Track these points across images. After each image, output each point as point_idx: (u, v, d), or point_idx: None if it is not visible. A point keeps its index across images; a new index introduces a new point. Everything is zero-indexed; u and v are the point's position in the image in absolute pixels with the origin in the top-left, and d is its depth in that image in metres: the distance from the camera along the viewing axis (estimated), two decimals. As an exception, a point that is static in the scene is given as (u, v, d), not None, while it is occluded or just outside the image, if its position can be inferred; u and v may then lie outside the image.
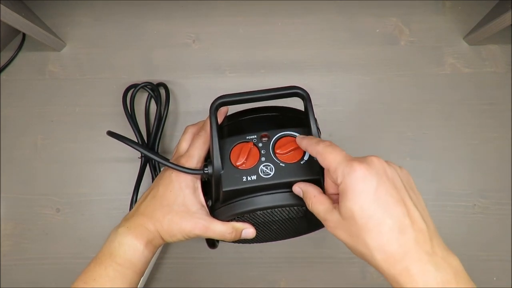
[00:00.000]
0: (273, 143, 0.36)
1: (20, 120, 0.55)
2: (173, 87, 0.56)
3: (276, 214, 0.36)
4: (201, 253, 0.51)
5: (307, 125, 0.36)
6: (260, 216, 0.36)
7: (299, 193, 0.33)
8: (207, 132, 0.39)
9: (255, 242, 0.44)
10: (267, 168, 0.34)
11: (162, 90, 0.55)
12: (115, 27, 0.59)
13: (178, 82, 0.57)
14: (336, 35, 0.59)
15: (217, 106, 0.36)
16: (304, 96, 0.36)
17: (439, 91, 0.56)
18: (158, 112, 0.52)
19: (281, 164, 0.34)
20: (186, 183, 0.37)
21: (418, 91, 0.56)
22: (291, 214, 0.36)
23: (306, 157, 0.35)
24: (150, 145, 0.51)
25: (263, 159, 0.35)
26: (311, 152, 0.32)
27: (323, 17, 0.59)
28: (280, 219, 0.37)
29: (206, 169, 0.36)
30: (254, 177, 0.34)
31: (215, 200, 0.37)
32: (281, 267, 0.51)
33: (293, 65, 0.57)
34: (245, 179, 0.34)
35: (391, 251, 0.25)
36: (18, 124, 0.55)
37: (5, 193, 0.53)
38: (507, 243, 0.51)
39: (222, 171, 0.34)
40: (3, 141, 0.55)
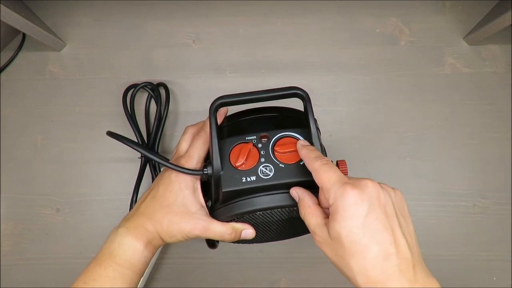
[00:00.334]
0: (273, 143, 0.36)
1: (20, 120, 0.56)
2: (173, 87, 0.56)
3: (275, 214, 0.36)
4: (201, 253, 0.51)
5: (307, 126, 0.36)
6: (259, 216, 0.36)
7: (296, 197, 0.33)
8: (206, 132, 0.39)
9: (255, 242, 0.44)
10: (266, 168, 0.34)
11: (162, 90, 0.55)
12: (115, 27, 0.59)
13: (178, 82, 0.57)
14: (336, 35, 0.59)
15: (216, 106, 0.36)
16: (303, 96, 0.36)
17: (439, 91, 0.56)
18: (158, 112, 0.52)
19: (281, 164, 0.34)
20: (186, 183, 0.37)
21: (418, 91, 0.56)
22: (290, 214, 0.36)
23: (305, 158, 0.35)
24: (150, 145, 0.51)
25: (262, 159, 0.35)
26: (307, 165, 0.32)
27: (323, 17, 0.59)
28: (279, 219, 0.37)
29: (205, 170, 0.36)
30: (253, 178, 0.34)
31: (214, 200, 0.37)
32: (281, 267, 0.51)
33: (293, 65, 0.57)
34: (244, 179, 0.34)
35: (373, 276, 0.25)
36: (18, 124, 0.55)
37: (5, 193, 0.53)
38: (507, 243, 0.51)
39: (221, 171, 0.34)
40: (3, 141, 0.55)
